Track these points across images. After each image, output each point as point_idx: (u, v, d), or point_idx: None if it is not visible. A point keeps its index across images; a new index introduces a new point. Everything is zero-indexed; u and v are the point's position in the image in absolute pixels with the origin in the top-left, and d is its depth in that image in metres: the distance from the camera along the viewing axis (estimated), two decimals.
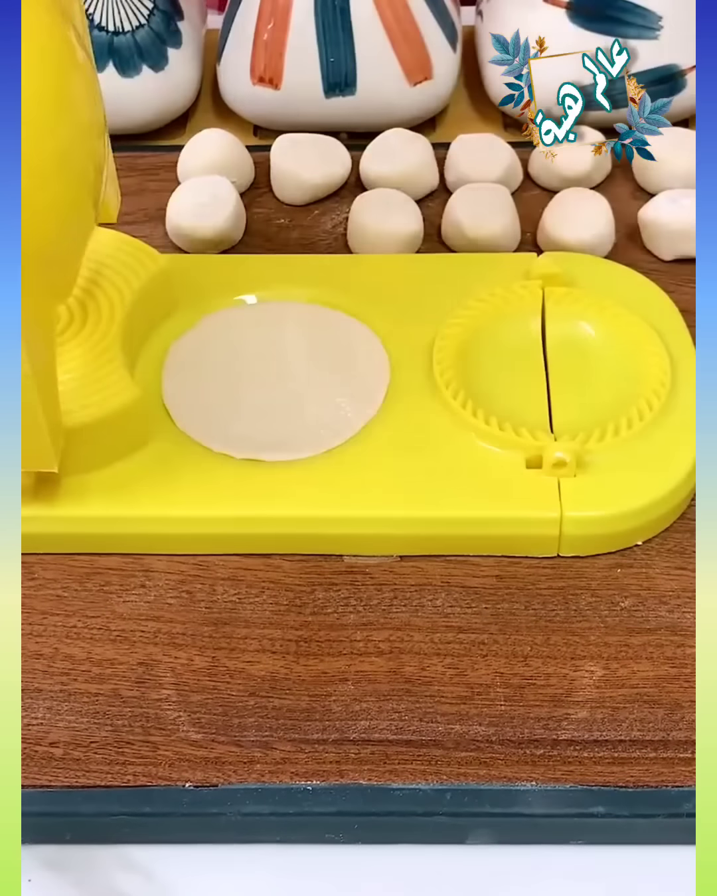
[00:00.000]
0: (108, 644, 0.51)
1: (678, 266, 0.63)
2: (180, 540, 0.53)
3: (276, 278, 0.60)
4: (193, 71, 0.71)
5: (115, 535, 0.53)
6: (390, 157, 0.66)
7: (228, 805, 0.47)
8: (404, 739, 0.48)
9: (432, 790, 0.47)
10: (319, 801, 0.47)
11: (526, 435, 0.53)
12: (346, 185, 0.67)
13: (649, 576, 0.52)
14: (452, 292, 0.58)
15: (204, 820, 0.47)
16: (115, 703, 0.49)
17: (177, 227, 0.64)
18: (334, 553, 0.53)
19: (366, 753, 0.48)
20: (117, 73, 0.68)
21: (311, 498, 0.52)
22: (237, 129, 0.70)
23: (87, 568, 0.53)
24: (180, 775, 0.47)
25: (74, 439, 0.50)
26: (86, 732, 0.48)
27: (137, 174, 0.68)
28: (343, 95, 0.68)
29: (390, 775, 0.47)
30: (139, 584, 0.52)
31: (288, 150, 0.67)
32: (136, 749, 0.48)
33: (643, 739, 0.48)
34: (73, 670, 0.50)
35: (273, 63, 0.67)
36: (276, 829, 0.47)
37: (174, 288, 0.58)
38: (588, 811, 0.46)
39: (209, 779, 0.47)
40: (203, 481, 0.53)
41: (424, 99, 0.69)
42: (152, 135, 0.71)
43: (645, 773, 0.47)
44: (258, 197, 0.67)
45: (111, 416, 0.52)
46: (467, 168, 0.66)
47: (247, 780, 0.47)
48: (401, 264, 0.61)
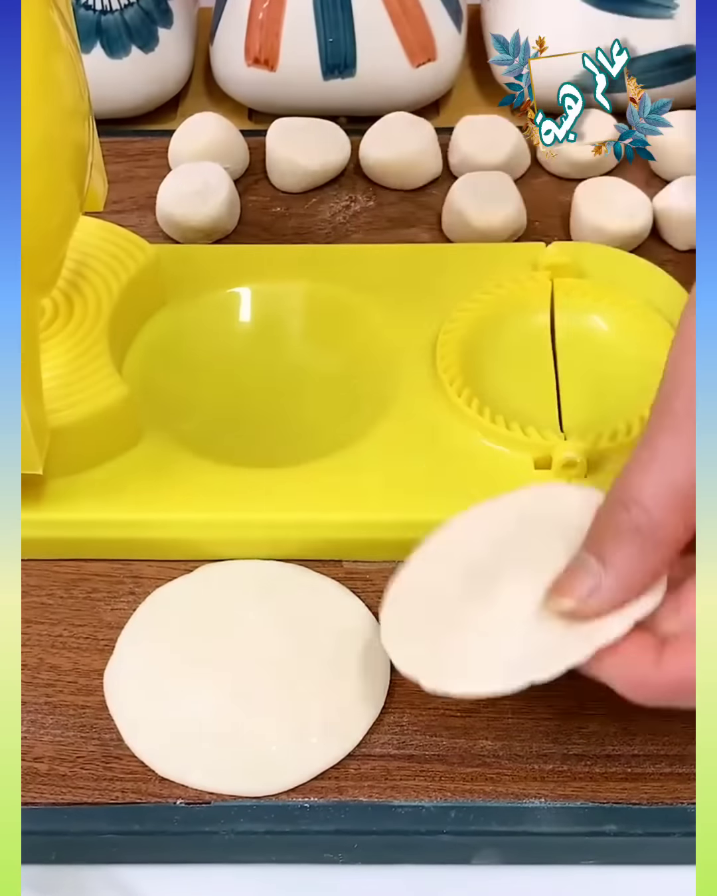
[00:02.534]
0: (95, 654, 0.50)
1: (692, 256, 0.63)
2: (171, 545, 0.53)
3: (272, 269, 0.60)
4: (185, 52, 0.71)
5: (102, 539, 0.53)
6: (392, 142, 0.66)
7: (222, 823, 0.46)
8: (407, 754, 0.48)
9: (435, 807, 0.47)
10: (316, 818, 0.46)
11: (534, 434, 0.53)
12: (344, 171, 0.67)
13: None
14: (456, 284, 0.58)
15: (196, 838, 0.47)
16: (102, 716, 0.49)
17: (168, 216, 0.64)
18: (333, 558, 0.53)
19: (366, 769, 0.47)
20: (105, 54, 0.68)
21: (308, 500, 0.52)
22: (231, 113, 0.70)
23: (74, 574, 0.53)
24: (171, 792, 0.47)
25: (60, 440, 0.50)
26: (72, 747, 0.48)
27: (126, 160, 0.68)
28: (342, 77, 0.68)
29: (392, 792, 0.47)
30: (128, 591, 0.52)
31: (285, 136, 0.67)
32: (124, 764, 0.48)
33: (657, 754, 0.47)
34: (58, 681, 0.50)
35: (269, 43, 0.67)
36: (271, 849, 0.47)
37: (164, 280, 0.58)
38: (600, 829, 0.46)
39: (202, 795, 0.47)
40: (196, 483, 0.52)
41: (427, 81, 0.69)
42: (142, 119, 0.71)
43: (660, 790, 0.47)
44: (253, 184, 0.67)
45: (98, 415, 0.52)
46: (471, 151, 0.66)
47: (241, 797, 0.47)
48: (403, 255, 0.60)
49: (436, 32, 0.68)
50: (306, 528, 0.52)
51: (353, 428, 0.54)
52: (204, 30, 0.73)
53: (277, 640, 0.50)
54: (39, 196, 0.43)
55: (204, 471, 0.53)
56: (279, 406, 0.56)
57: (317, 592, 0.52)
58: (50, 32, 0.43)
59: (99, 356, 0.53)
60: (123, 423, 0.53)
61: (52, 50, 0.43)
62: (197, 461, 0.53)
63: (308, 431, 0.55)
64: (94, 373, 0.53)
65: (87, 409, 0.52)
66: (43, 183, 0.43)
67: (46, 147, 0.43)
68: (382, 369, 0.56)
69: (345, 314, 0.58)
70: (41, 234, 0.44)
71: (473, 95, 0.73)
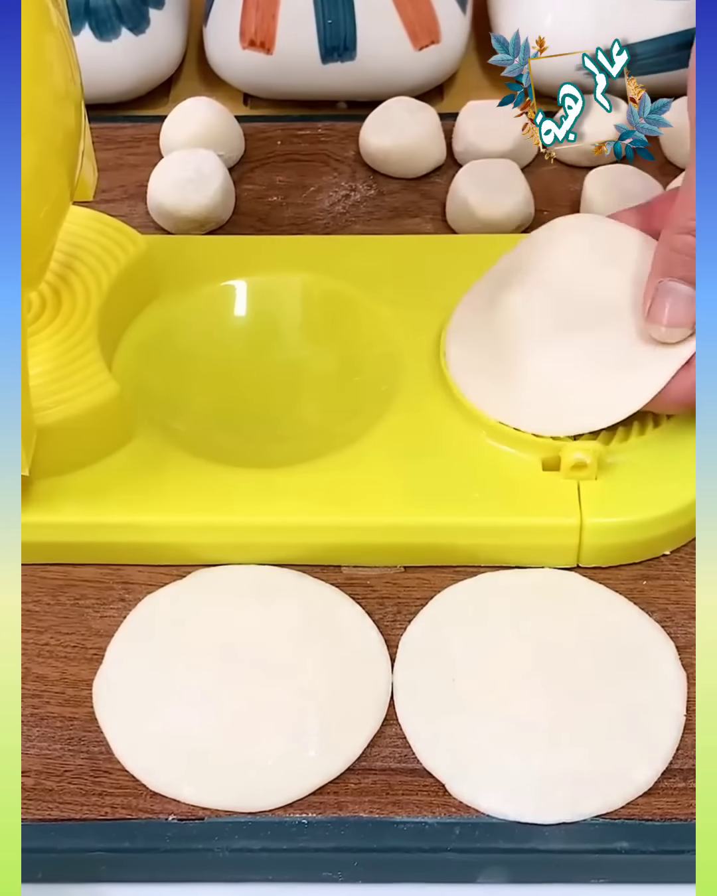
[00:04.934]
0: (83, 663, 0.50)
1: None
2: (163, 549, 0.53)
3: (268, 262, 0.60)
4: (177, 34, 0.71)
5: (91, 543, 0.53)
6: (393, 128, 0.66)
7: (216, 840, 0.46)
8: (409, 768, 0.48)
9: (439, 824, 0.47)
10: (315, 835, 0.47)
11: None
12: (344, 159, 0.67)
13: (677, 588, 0.52)
14: (461, 277, 0.58)
15: (189, 856, 0.47)
16: (91, 729, 0.49)
17: (159, 206, 0.64)
18: (332, 564, 0.53)
19: (367, 783, 0.47)
20: (94, 37, 0.68)
21: (306, 503, 0.52)
22: (225, 98, 0.70)
23: (61, 580, 0.53)
24: (163, 807, 0.47)
25: (47, 439, 0.50)
26: (59, 760, 0.48)
27: (116, 147, 0.68)
28: (342, 60, 0.68)
29: (394, 807, 0.47)
30: (118, 597, 0.52)
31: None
32: (114, 779, 0.48)
33: (671, 768, 0.47)
34: (45, 692, 0.50)
35: (265, 25, 0.67)
36: (268, 867, 0.47)
37: (156, 272, 0.58)
38: (611, 847, 0.46)
39: (195, 811, 0.47)
40: (188, 485, 0.52)
41: (430, 64, 0.69)
42: (132, 104, 0.71)
43: (673, 805, 0.47)
44: (248, 172, 0.67)
45: (87, 413, 0.52)
46: (476, 137, 0.66)
47: (236, 812, 0.47)
48: (405, 246, 0.60)
49: (440, 14, 0.68)
50: (304, 531, 0.52)
51: (352, 427, 0.54)
52: (197, 11, 0.73)
53: (273, 649, 0.50)
54: (27, 183, 0.43)
55: (197, 472, 0.53)
56: (276, 404, 0.56)
57: (315, 599, 0.52)
58: (41, 11, 0.43)
59: (88, 352, 0.53)
60: (112, 421, 0.53)
61: (44, 30, 0.43)
62: (190, 462, 0.53)
63: (306, 431, 0.55)
64: (82, 369, 0.53)
65: (76, 407, 0.52)
66: (31, 170, 0.43)
67: (37, 129, 0.43)
68: (383, 366, 0.56)
69: (344, 308, 0.58)
70: (29, 223, 0.44)
71: (478, 80, 0.73)
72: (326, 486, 0.52)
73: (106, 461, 0.53)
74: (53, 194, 0.46)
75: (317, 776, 0.47)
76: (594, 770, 0.47)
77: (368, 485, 0.52)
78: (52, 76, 0.44)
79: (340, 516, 0.52)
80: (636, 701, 0.48)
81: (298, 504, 0.52)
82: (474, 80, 0.72)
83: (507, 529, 0.52)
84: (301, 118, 0.70)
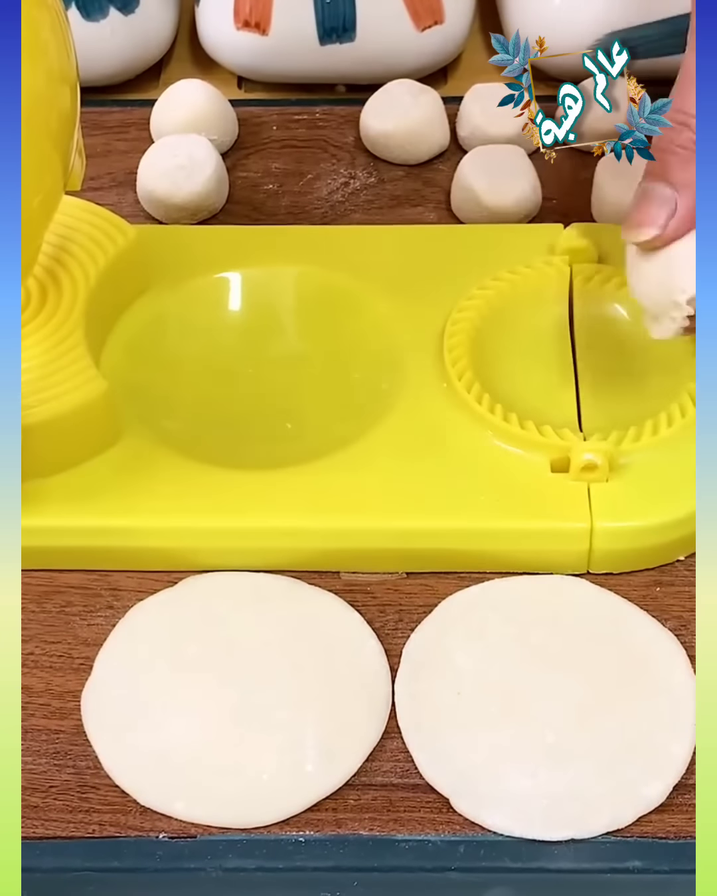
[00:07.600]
0: (70, 674, 0.51)
1: None
2: (153, 555, 0.53)
3: (263, 253, 0.60)
4: (168, 13, 0.71)
5: (77, 548, 0.53)
6: (395, 112, 0.66)
7: (209, 859, 0.47)
8: (411, 783, 0.48)
9: (442, 842, 0.47)
10: (312, 854, 0.47)
11: (551, 434, 0.53)
12: (343, 145, 0.67)
13: (692, 595, 0.52)
14: (465, 269, 0.58)
15: (180, 876, 0.47)
16: (78, 742, 0.49)
17: (149, 193, 0.64)
18: (330, 569, 0.53)
19: (367, 799, 0.48)
20: (81, 16, 0.68)
21: (303, 506, 0.52)
22: (219, 81, 0.70)
23: (46, 586, 0.53)
24: (153, 824, 0.47)
25: (32, 439, 0.50)
26: (45, 775, 0.48)
27: (104, 133, 0.68)
28: (341, 42, 0.68)
29: (395, 825, 0.47)
30: (106, 604, 0.52)
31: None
32: (102, 794, 0.48)
33: (686, 783, 0.48)
34: (29, 704, 0.50)
35: (260, 4, 0.67)
36: (263, 887, 0.47)
37: (146, 264, 0.58)
38: (623, 866, 0.46)
39: (187, 829, 0.47)
40: (179, 487, 0.53)
41: (433, 46, 0.69)
42: (121, 87, 0.71)
43: (688, 823, 0.47)
44: (242, 159, 0.67)
45: (74, 412, 0.52)
46: (481, 122, 0.66)
47: (230, 830, 0.47)
48: (407, 237, 0.61)
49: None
50: (301, 535, 0.52)
51: (352, 427, 0.54)
52: None
53: (269, 659, 0.50)
54: (22, 169, 0.43)
55: (189, 473, 0.53)
56: (271, 402, 0.57)
57: (312, 606, 0.52)
58: None
59: (74, 347, 0.53)
60: (100, 420, 0.53)
61: (37, 6, 0.42)
62: (181, 463, 0.53)
63: (303, 430, 0.55)
64: (69, 366, 0.53)
65: (62, 405, 0.52)
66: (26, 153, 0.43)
67: (32, 112, 0.43)
68: (383, 363, 0.56)
69: (343, 302, 0.58)
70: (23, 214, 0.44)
71: (483, 62, 0.72)
72: (324, 488, 0.52)
73: (93, 462, 0.53)
74: (47, 184, 0.46)
75: (314, 792, 0.47)
76: (604, 785, 0.47)
77: (368, 487, 0.52)
78: (46, 56, 0.44)
79: (339, 520, 0.52)
80: (648, 713, 0.48)
81: (294, 507, 0.52)
82: (479, 63, 0.72)
83: (514, 534, 0.52)
84: (298, 102, 0.70)
